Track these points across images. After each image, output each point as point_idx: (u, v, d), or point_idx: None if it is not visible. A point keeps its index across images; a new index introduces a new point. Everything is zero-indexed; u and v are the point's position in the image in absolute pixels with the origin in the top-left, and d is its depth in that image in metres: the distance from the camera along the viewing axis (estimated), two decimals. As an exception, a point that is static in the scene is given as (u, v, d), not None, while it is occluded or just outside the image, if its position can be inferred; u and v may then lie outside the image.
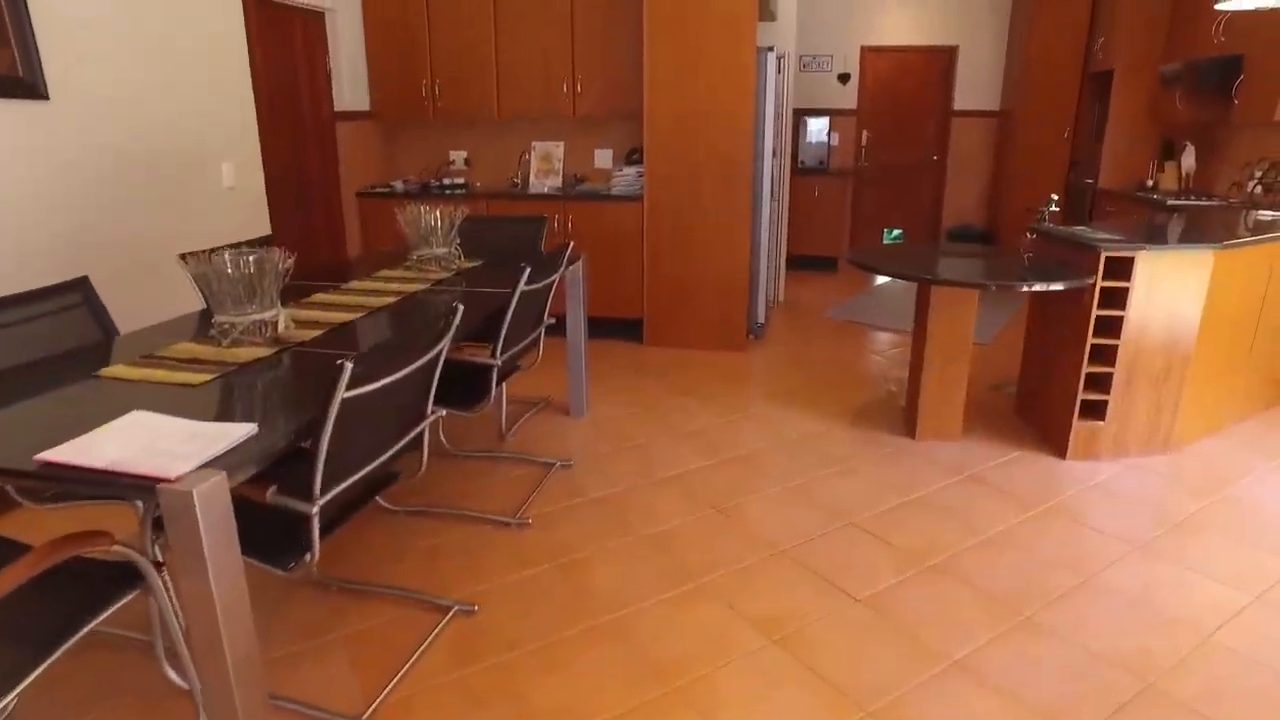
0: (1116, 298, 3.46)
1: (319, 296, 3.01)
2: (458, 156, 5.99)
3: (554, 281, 3.21)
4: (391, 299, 2.97)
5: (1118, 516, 3.10)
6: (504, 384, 3.50)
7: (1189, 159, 5.84)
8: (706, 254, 5.04)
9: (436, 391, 2.25)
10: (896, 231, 8.38)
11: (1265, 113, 4.70)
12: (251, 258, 2.29)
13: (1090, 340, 3.47)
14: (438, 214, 3.38)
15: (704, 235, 5.01)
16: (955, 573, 2.72)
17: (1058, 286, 3.25)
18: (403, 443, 2.15)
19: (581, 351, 3.97)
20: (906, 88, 8.05)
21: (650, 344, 5.30)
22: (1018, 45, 7.23)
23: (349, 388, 1.68)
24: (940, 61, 7.93)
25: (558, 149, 5.76)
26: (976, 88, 7.81)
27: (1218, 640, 2.36)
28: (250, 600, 1.58)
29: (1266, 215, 4.54)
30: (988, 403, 4.28)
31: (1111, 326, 3.50)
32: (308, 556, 1.81)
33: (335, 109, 5.34)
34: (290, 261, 2.38)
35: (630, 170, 5.25)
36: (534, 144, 5.78)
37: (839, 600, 2.56)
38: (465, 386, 2.92)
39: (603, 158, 5.76)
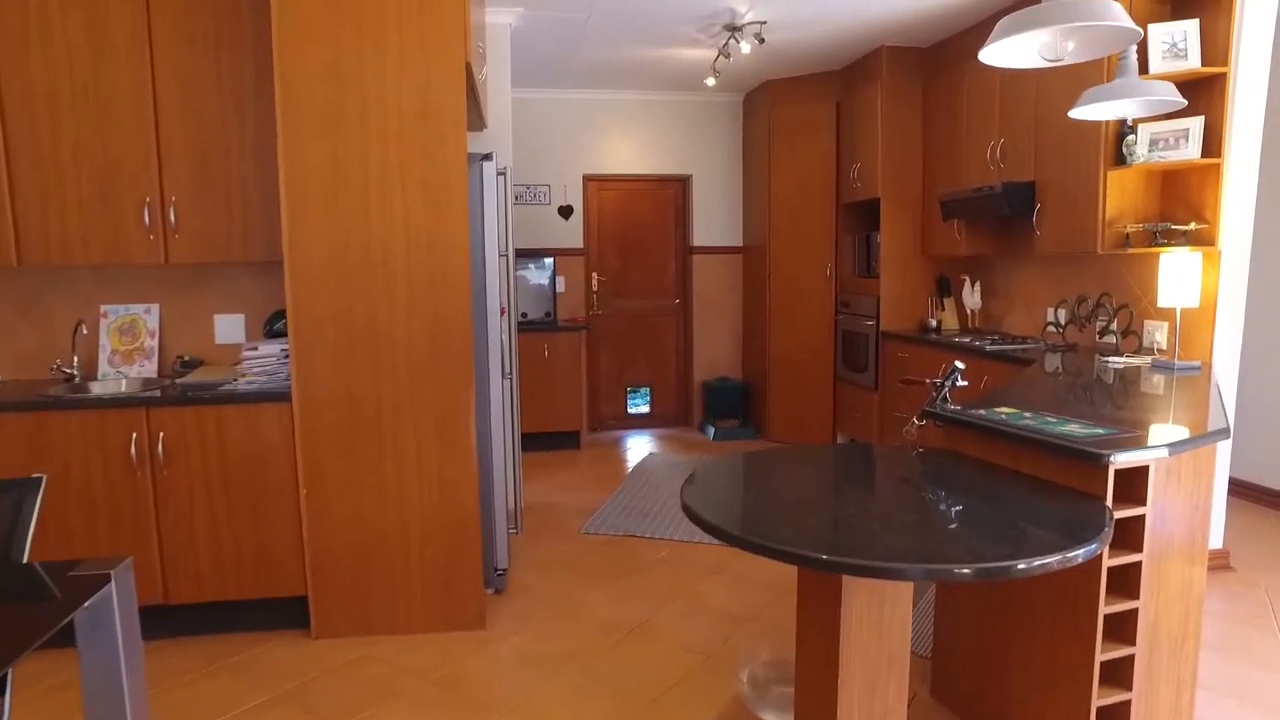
0: (1127, 533, 2.09)
1: None
2: (-38, 334, 3.49)
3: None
4: None
5: None
6: None
7: (974, 296, 5.10)
8: (407, 475, 3.07)
9: None
10: (641, 389, 7.01)
11: (1078, 243, 3.92)
12: None
13: (1102, 610, 2.03)
14: None
15: (401, 446, 3.05)
16: None
17: (1078, 556, 1.74)
18: None
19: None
20: (639, 222, 6.87)
21: (324, 635, 3.11)
22: (758, 174, 6.38)
23: None
24: (672, 193, 6.89)
25: (148, 316, 3.53)
26: (716, 221, 6.84)
27: None
28: None
29: (1118, 361, 3.66)
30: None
31: (1124, 580, 2.11)
32: None
33: None
34: None
35: (272, 347, 3.19)
36: (104, 309, 3.50)
37: None
38: None
39: (229, 328, 3.62)
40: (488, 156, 3.32)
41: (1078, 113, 3.12)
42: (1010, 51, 2.21)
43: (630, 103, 6.61)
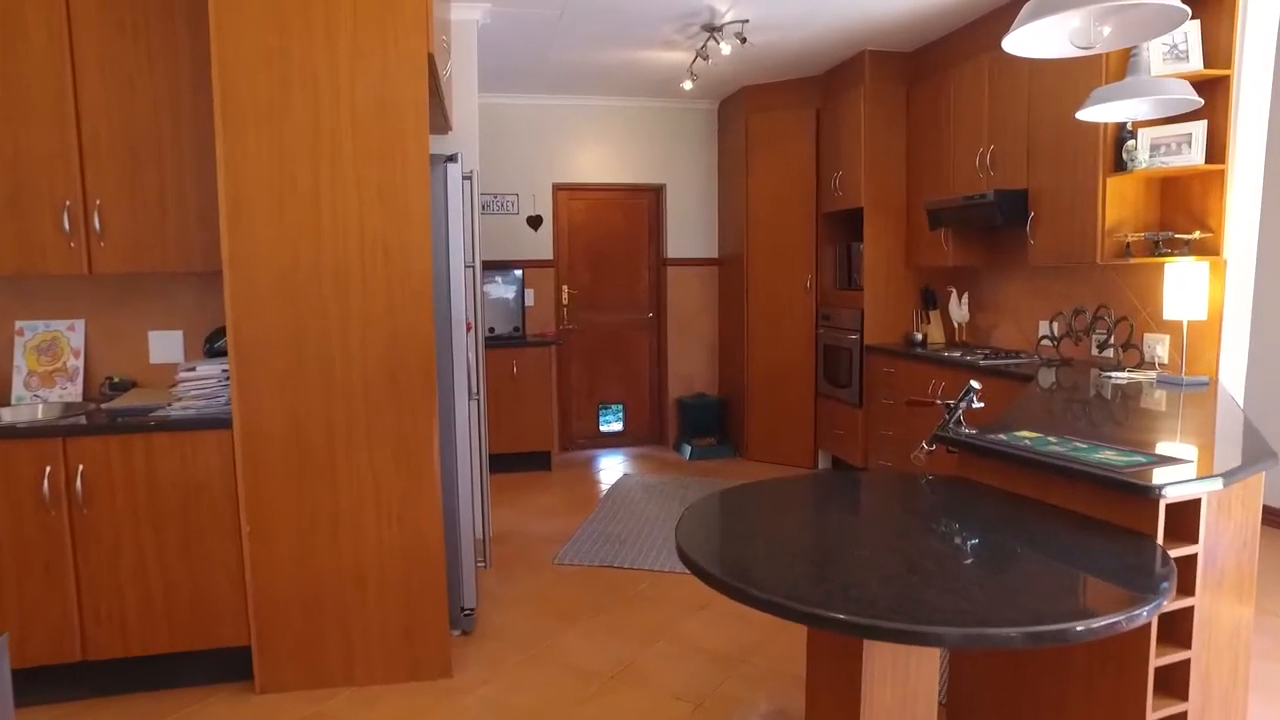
0: (1179, 574, 1.86)
1: None
2: None
3: None
4: None
5: None
6: None
7: (961, 308, 4.91)
8: (363, 509, 2.76)
9: None
10: (614, 407, 6.73)
11: (1075, 253, 3.74)
12: None
13: (1153, 662, 1.80)
14: None
15: (356, 476, 2.74)
16: None
17: (1143, 614, 1.50)
18: None
19: None
20: (611, 233, 6.61)
21: (270, 689, 2.78)
22: (734, 183, 6.17)
23: None
24: (646, 203, 6.65)
25: (71, 333, 3.18)
26: (691, 232, 6.61)
27: None
28: None
29: (1120, 377, 3.48)
30: None
31: (1172, 627, 1.88)
32: None
33: None
34: None
35: (212, 367, 2.86)
36: (20, 325, 3.14)
37: None
38: None
39: (166, 345, 3.28)
40: (452, 158, 3.04)
41: (1085, 114, 2.93)
42: (1036, 38, 1.99)
43: (602, 109, 6.36)
